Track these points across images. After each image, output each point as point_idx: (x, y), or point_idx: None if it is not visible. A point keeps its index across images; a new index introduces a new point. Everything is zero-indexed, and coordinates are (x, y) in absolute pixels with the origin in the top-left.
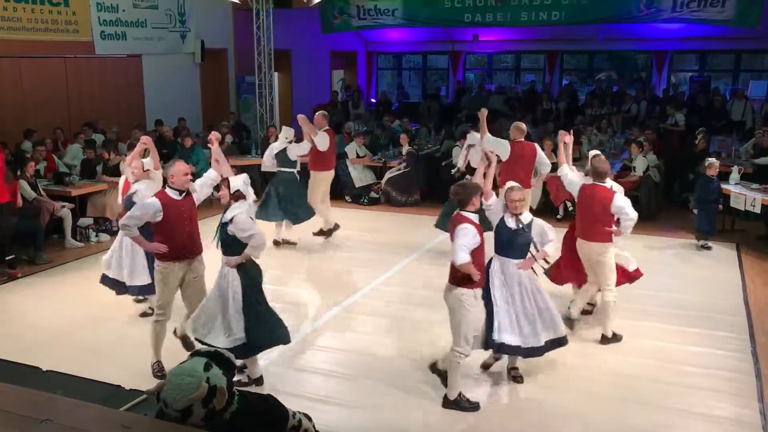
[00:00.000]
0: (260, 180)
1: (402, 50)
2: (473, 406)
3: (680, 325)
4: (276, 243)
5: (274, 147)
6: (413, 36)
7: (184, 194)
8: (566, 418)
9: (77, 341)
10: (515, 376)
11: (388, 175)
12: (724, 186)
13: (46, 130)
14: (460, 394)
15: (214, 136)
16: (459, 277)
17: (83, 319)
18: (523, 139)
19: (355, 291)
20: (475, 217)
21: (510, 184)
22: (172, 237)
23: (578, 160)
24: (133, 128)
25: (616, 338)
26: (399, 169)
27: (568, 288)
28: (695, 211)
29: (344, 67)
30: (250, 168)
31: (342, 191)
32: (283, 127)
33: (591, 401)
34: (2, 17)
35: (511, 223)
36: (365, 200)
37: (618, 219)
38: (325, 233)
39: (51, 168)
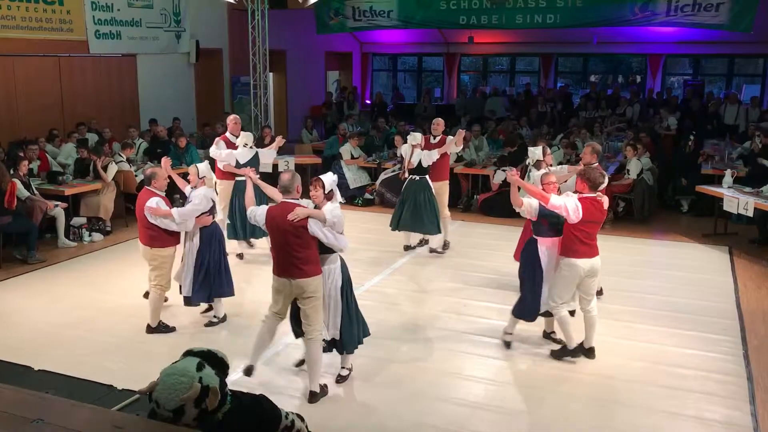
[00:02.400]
0: None
1: (397, 51)
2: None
3: (672, 328)
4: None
5: (238, 154)
6: (408, 37)
7: None
8: (557, 421)
9: (69, 341)
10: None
11: (382, 176)
12: (717, 189)
13: (40, 129)
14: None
15: (251, 173)
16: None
17: (76, 318)
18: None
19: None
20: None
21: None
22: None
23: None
24: (128, 127)
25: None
26: (393, 171)
27: None
28: None
29: (339, 68)
30: None
31: None
32: (242, 133)
33: (582, 403)
34: None
35: None
36: (359, 201)
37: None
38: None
39: (44, 167)
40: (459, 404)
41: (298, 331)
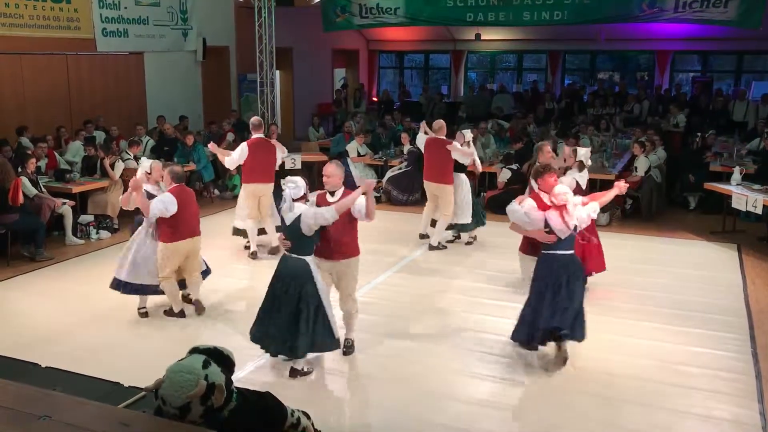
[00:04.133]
0: None
1: (404, 49)
2: None
3: (680, 326)
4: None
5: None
6: (415, 35)
7: None
8: (565, 419)
9: (77, 338)
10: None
11: (389, 173)
12: (725, 187)
13: (48, 127)
14: None
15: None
16: None
17: (83, 316)
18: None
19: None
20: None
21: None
22: None
23: None
24: (136, 125)
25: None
26: (400, 168)
27: None
28: None
29: (346, 66)
30: None
31: None
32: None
33: (590, 401)
34: (4, 14)
35: None
36: None
37: None
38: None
39: (52, 165)
40: (467, 402)
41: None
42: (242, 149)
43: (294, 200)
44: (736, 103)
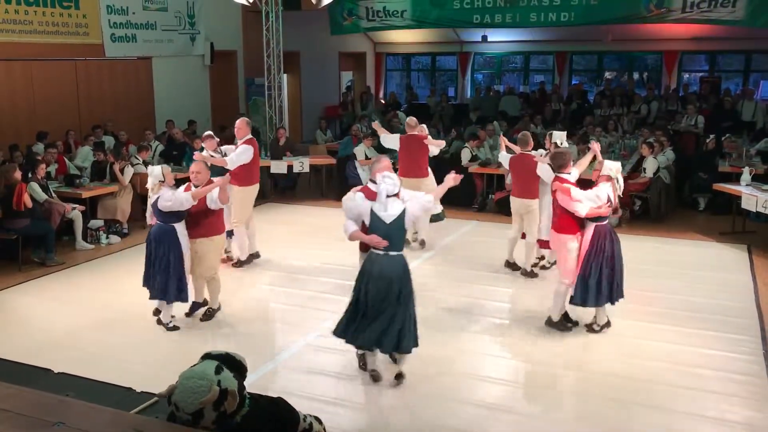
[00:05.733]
0: (270, 182)
1: (411, 51)
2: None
3: (692, 328)
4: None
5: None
6: (422, 37)
7: None
8: (576, 421)
9: (88, 343)
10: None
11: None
12: (735, 187)
13: (57, 133)
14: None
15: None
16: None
17: (94, 320)
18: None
19: None
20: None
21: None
22: None
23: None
24: (144, 130)
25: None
26: None
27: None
28: None
29: (353, 69)
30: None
31: None
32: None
33: (601, 404)
34: (14, 20)
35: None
36: None
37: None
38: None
39: (62, 170)
40: (477, 405)
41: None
42: (246, 150)
43: (388, 196)
44: (745, 102)
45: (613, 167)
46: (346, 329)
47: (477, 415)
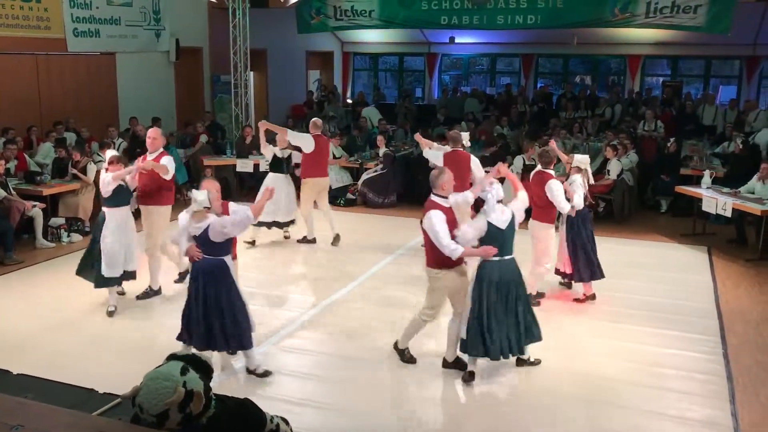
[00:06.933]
0: (235, 180)
1: (378, 51)
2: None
3: (653, 327)
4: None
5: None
6: (390, 37)
7: None
8: (539, 419)
9: (49, 344)
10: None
11: (364, 176)
12: (696, 190)
13: (18, 129)
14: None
15: None
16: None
17: (55, 321)
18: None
19: (332, 293)
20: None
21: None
22: None
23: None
24: (107, 127)
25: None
26: (375, 171)
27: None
28: None
29: (321, 68)
30: (224, 168)
31: None
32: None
33: (564, 402)
34: None
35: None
36: (342, 201)
37: None
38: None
39: (22, 167)
40: (447, 405)
41: None
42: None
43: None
44: (706, 107)
45: (582, 160)
46: (480, 344)
47: (446, 414)
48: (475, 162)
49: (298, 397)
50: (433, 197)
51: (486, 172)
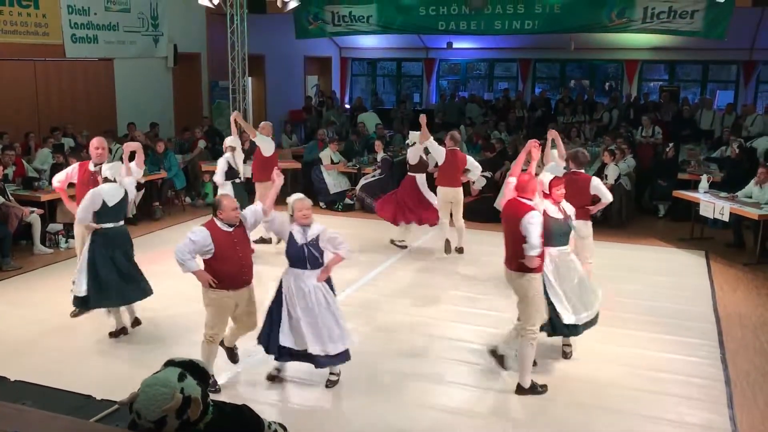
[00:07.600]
0: None
1: (376, 57)
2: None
3: (652, 332)
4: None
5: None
6: (387, 43)
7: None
8: (539, 425)
9: (46, 350)
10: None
11: (362, 181)
12: (693, 194)
13: (16, 134)
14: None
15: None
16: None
17: (52, 327)
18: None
19: None
20: None
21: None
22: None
23: None
24: (105, 132)
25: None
26: (373, 176)
27: None
28: None
29: (318, 73)
30: None
31: (316, 197)
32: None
33: (563, 408)
34: None
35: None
36: (339, 206)
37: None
38: None
39: (20, 172)
40: (441, 411)
41: None
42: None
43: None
44: (703, 111)
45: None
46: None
47: (441, 420)
48: (470, 160)
49: (296, 403)
50: (521, 199)
51: (483, 175)
